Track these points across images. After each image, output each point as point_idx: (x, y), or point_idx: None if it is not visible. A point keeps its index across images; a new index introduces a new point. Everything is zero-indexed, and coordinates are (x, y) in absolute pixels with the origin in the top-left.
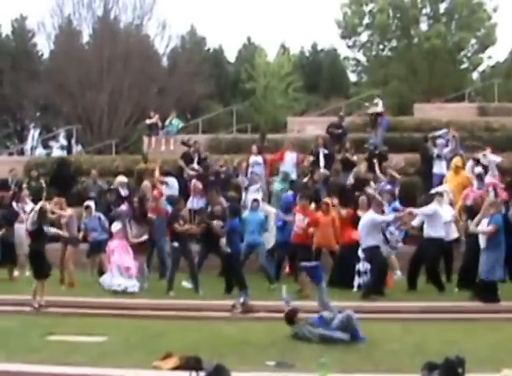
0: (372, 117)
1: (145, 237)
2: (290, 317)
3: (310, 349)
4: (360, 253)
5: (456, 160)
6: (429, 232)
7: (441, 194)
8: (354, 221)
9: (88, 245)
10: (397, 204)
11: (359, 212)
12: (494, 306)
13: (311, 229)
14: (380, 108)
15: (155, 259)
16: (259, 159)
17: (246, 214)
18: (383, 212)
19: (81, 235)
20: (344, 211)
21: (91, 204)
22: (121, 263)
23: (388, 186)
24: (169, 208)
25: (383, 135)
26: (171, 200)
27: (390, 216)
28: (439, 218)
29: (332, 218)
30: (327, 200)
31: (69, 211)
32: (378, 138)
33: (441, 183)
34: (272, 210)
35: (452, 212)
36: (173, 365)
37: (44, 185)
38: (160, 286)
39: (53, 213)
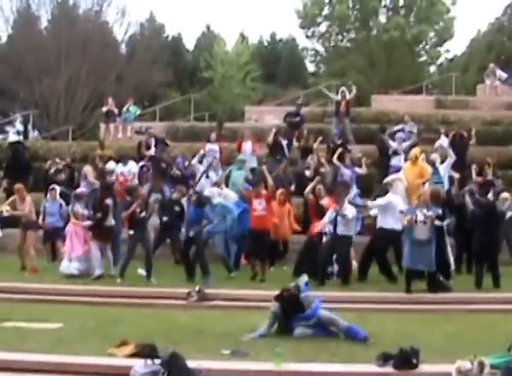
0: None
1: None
2: (292, 299)
3: (265, 339)
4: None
5: (415, 151)
6: (381, 223)
7: (391, 184)
8: (317, 211)
9: (44, 232)
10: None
11: (321, 202)
12: (449, 297)
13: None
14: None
15: None
16: (215, 147)
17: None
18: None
19: (40, 219)
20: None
21: (57, 187)
22: (75, 247)
23: (347, 171)
24: None
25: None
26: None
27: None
28: (392, 210)
29: (288, 209)
30: (283, 190)
31: (27, 198)
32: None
33: None
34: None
35: (404, 203)
36: (128, 352)
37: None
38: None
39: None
